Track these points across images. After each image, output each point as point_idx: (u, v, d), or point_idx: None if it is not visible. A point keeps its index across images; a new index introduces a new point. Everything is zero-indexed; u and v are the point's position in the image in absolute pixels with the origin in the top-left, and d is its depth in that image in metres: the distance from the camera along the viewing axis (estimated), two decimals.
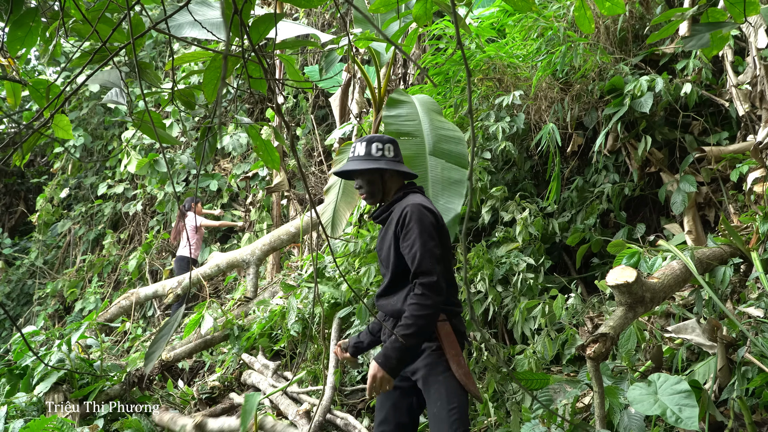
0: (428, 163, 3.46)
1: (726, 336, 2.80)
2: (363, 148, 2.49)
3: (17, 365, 4.58)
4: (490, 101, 4.68)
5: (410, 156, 3.47)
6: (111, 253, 10.38)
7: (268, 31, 1.76)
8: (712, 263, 3.18)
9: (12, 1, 1.89)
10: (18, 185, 13.03)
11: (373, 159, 2.47)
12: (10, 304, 11.10)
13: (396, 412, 2.40)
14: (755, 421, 2.64)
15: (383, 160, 2.47)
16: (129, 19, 1.46)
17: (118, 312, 6.64)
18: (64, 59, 10.21)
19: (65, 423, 3.65)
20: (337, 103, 6.67)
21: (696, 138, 4.42)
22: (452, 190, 3.39)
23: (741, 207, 3.97)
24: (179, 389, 5.09)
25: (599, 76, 4.54)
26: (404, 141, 3.52)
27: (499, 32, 5.22)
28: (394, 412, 2.40)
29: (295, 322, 4.63)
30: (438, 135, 3.61)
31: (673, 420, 2.06)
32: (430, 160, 3.48)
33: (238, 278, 7.96)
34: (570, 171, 4.78)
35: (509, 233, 4.21)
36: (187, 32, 3.16)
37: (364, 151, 2.48)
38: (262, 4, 8.76)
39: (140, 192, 10.31)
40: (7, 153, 9.03)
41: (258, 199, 9.15)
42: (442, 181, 3.40)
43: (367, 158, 2.47)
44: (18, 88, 2.47)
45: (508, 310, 3.99)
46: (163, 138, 1.80)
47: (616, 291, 2.62)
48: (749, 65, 4.05)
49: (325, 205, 4.38)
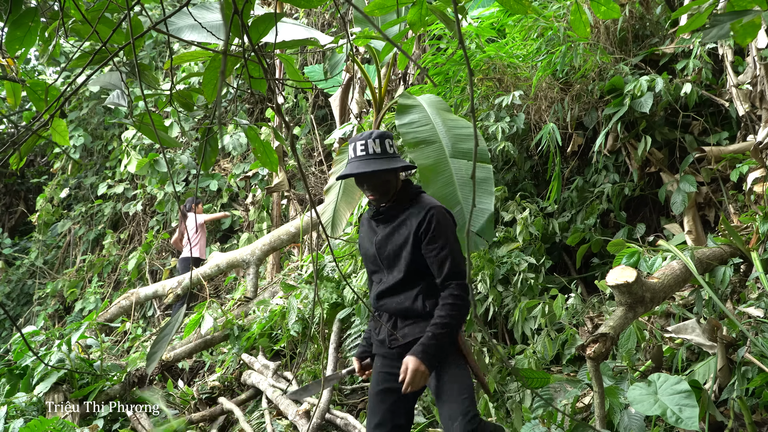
0: (452, 167, 3.35)
1: (726, 336, 2.80)
2: (377, 146, 2.39)
3: (17, 365, 4.58)
4: (490, 101, 4.68)
5: (432, 164, 3.35)
6: (111, 253, 10.38)
7: (267, 30, 1.76)
8: (712, 263, 3.18)
9: (11, 1, 1.89)
10: (18, 185, 13.03)
11: (391, 156, 2.41)
12: (10, 304, 11.10)
13: (393, 414, 2.38)
14: (755, 421, 2.64)
15: (399, 158, 2.44)
16: (129, 20, 1.46)
17: (118, 312, 6.64)
18: (64, 59, 10.21)
19: (65, 423, 3.64)
20: (337, 103, 6.67)
21: (696, 138, 4.42)
22: (481, 188, 3.33)
23: (741, 207, 3.97)
24: (179, 389, 5.09)
25: (599, 76, 4.53)
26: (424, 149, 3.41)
27: (499, 32, 5.21)
28: (391, 415, 2.38)
29: (295, 322, 4.63)
30: (454, 135, 3.52)
31: (673, 420, 2.06)
32: (453, 163, 3.37)
33: (238, 278, 7.96)
34: (570, 171, 4.78)
35: (510, 233, 4.21)
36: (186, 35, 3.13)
37: (380, 149, 2.39)
38: (262, 4, 8.76)
39: (140, 192, 10.31)
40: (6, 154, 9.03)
41: (257, 198, 9.15)
42: (469, 183, 3.28)
43: (385, 156, 2.39)
44: (18, 88, 2.47)
45: (508, 309, 3.99)
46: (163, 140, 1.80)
47: (616, 291, 2.62)
48: (749, 65, 4.05)
49: (325, 205, 4.38)
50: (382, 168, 2.34)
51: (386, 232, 2.47)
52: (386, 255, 2.45)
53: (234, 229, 10.00)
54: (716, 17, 1.84)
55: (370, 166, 2.36)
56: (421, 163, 3.34)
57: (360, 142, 2.42)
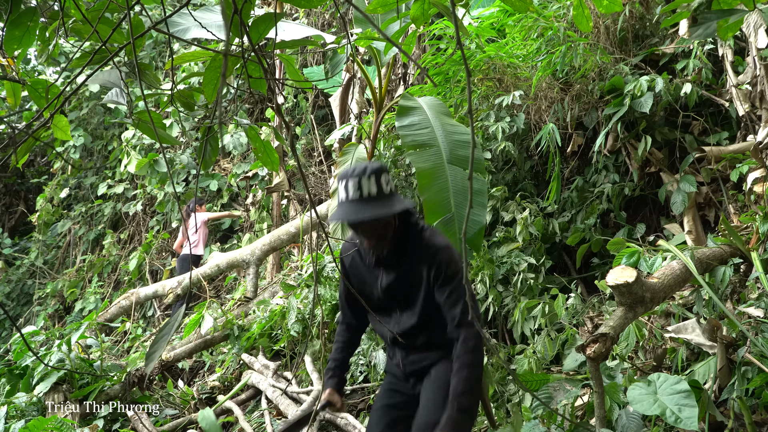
0: (448, 173, 3.32)
1: (726, 336, 2.80)
2: (373, 185, 2.10)
3: (17, 365, 4.58)
4: (490, 101, 4.68)
5: (430, 168, 3.32)
6: (111, 253, 10.39)
7: (267, 30, 1.76)
8: (712, 263, 3.18)
9: (11, 1, 1.89)
10: (18, 185, 13.04)
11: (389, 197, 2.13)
12: (10, 304, 11.11)
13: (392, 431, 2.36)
14: (755, 421, 2.63)
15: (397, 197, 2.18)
16: (129, 19, 1.46)
17: (118, 312, 6.64)
18: (64, 59, 10.21)
19: (65, 423, 3.64)
20: (337, 103, 6.67)
21: (696, 138, 4.42)
22: (475, 200, 3.29)
23: (741, 207, 3.97)
24: (179, 389, 5.09)
25: (599, 76, 4.53)
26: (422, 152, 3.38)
27: (499, 32, 5.21)
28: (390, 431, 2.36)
29: (295, 322, 4.63)
30: (452, 141, 3.49)
31: (672, 420, 2.06)
32: (449, 170, 3.33)
33: (238, 278, 7.96)
34: (570, 171, 4.78)
35: (509, 233, 4.21)
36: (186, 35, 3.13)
37: (376, 189, 2.11)
38: (262, 4, 8.76)
39: (140, 192, 10.32)
40: (6, 153, 9.03)
41: (258, 199, 9.16)
42: (463, 191, 3.25)
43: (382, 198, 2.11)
44: (18, 88, 2.46)
45: (508, 309, 3.99)
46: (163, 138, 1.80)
47: (616, 291, 2.62)
48: (749, 65, 4.05)
49: (329, 205, 4.36)
50: (381, 215, 2.08)
51: (392, 278, 2.29)
52: (397, 301, 2.33)
53: (234, 229, 10.01)
54: (703, 15, 1.85)
55: (367, 211, 2.08)
56: (419, 166, 3.32)
57: (353, 180, 2.12)
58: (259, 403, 4.52)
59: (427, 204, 3.21)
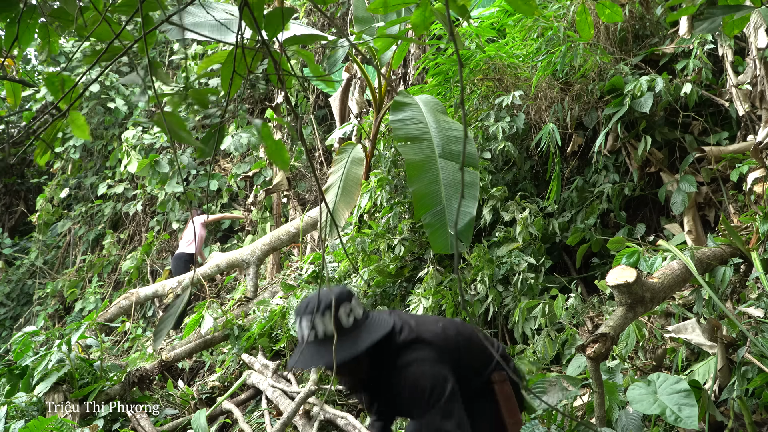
0: (439, 167, 3.38)
1: (726, 336, 2.80)
2: (329, 324, 1.87)
3: (17, 365, 4.58)
4: (490, 101, 4.68)
5: (421, 161, 3.38)
6: (111, 253, 10.39)
7: (280, 27, 1.76)
8: (712, 263, 3.18)
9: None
10: (18, 185, 13.03)
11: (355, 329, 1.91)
12: (10, 304, 11.11)
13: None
14: (755, 421, 2.63)
15: (367, 325, 1.94)
16: (141, 13, 1.46)
17: (118, 312, 6.64)
18: (64, 59, 10.21)
19: (65, 423, 3.64)
20: (337, 103, 6.67)
21: (696, 138, 4.42)
22: (466, 192, 3.33)
23: (741, 207, 3.97)
24: (179, 389, 5.09)
25: (599, 76, 4.53)
26: (413, 145, 3.44)
27: (499, 32, 5.21)
28: None
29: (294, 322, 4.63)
30: (446, 136, 3.55)
31: (672, 419, 2.05)
32: (441, 163, 3.40)
33: (238, 278, 7.96)
34: (570, 171, 4.78)
35: (509, 233, 4.21)
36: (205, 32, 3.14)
37: (332, 328, 1.86)
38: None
39: (140, 192, 10.32)
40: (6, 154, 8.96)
41: (260, 199, 9.17)
42: (455, 185, 3.31)
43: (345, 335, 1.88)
44: (18, 88, 2.46)
45: (508, 309, 3.99)
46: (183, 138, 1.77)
47: (616, 291, 2.62)
48: (749, 65, 4.05)
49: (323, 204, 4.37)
50: (340, 360, 1.83)
51: (381, 401, 2.17)
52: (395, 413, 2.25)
53: (234, 229, 10.01)
54: (709, 10, 1.83)
55: (324, 356, 1.85)
56: (410, 159, 3.36)
57: (306, 320, 1.92)
58: (259, 403, 4.52)
59: (416, 195, 3.26)
